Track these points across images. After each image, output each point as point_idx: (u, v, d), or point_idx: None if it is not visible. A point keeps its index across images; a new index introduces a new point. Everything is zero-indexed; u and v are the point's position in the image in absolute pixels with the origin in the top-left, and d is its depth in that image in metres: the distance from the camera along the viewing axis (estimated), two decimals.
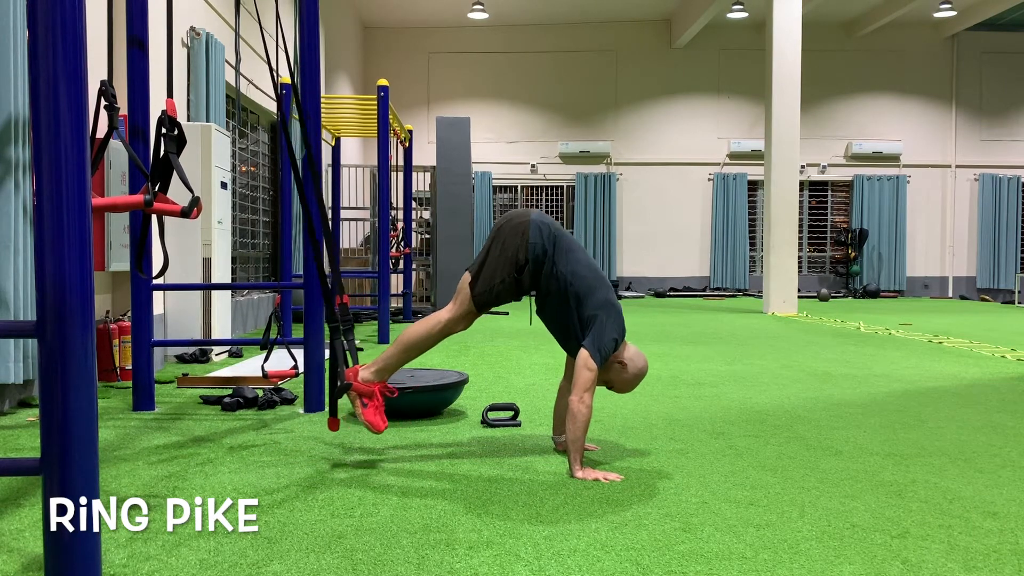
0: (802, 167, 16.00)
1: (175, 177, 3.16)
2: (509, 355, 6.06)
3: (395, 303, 12.56)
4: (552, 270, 2.84)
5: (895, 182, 16.03)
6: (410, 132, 9.60)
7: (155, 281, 4.24)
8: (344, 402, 4.10)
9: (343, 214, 12.00)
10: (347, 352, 2.92)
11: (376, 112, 7.35)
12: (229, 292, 6.21)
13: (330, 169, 10.06)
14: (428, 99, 15.74)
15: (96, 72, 4.76)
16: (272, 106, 8.89)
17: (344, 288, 3.10)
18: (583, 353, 2.78)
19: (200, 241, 5.59)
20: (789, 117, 10.60)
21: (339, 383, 2.88)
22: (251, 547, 2.05)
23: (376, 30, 15.72)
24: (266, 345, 4.06)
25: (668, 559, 1.99)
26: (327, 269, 3.10)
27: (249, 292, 7.99)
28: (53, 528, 1.58)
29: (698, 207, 16.03)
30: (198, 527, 2.20)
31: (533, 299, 3.09)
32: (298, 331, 7.88)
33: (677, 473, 2.78)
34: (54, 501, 1.58)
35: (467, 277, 2.91)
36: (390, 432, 3.41)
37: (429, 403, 3.70)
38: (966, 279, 16.36)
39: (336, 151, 9.84)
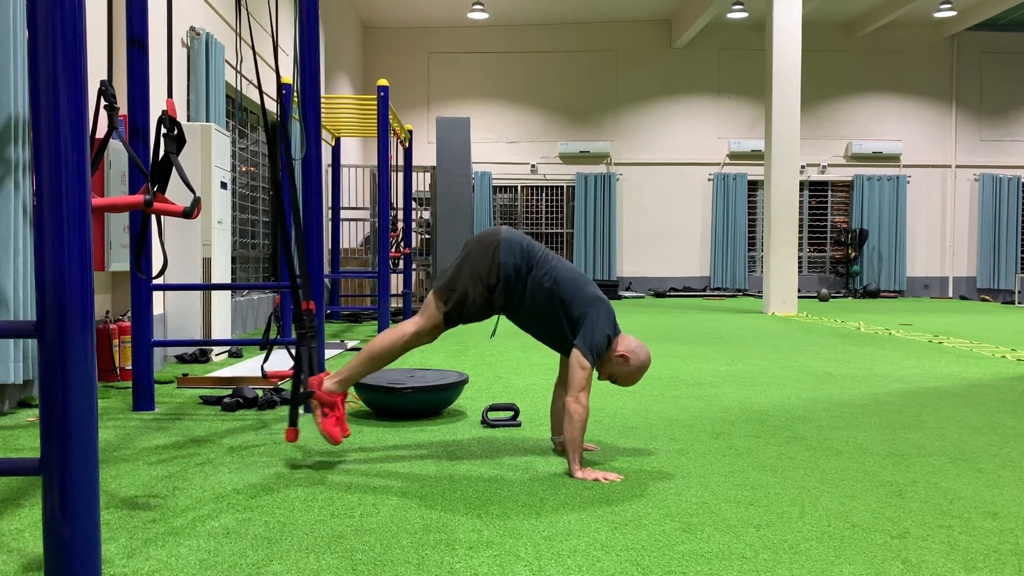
0: (802, 167, 16.01)
1: (173, 177, 3.16)
2: (509, 355, 6.06)
3: (395, 303, 12.58)
4: (534, 283, 2.82)
5: (895, 182, 16.03)
6: (410, 132, 9.60)
7: (155, 281, 4.24)
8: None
9: (343, 214, 12.01)
10: (311, 360, 2.91)
11: (376, 112, 7.35)
12: (229, 292, 6.22)
13: (330, 169, 10.06)
14: (428, 99, 15.74)
15: (96, 72, 4.77)
16: (272, 106, 8.89)
17: (311, 294, 3.11)
18: (575, 353, 2.78)
19: (200, 241, 5.60)
20: (789, 117, 10.61)
21: (301, 390, 2.87)
22: (251, 547, 2.05)
23: (376, 30, 15.72)
24: (266, 345, 4.06)
25: (668, 559, 1.99)
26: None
27: (249, 292, 7.99)
28: (53, 528, 1.58)
29: (698, 207, 16.03)
30: (198, 527, 2.20)
31: (499, 317, 3.10)
32: None
33: (677, 473, 2.78)
34: (54, 501, 1.58)
35: (433, 295, 2.88)
36: (390, 432, 3.41)
37: (429, 403, 3.70)
38: (966, 279, 16.36)
39: (336, 151, 9.84)
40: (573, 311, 2.82)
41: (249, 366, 5.10)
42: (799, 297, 15.07)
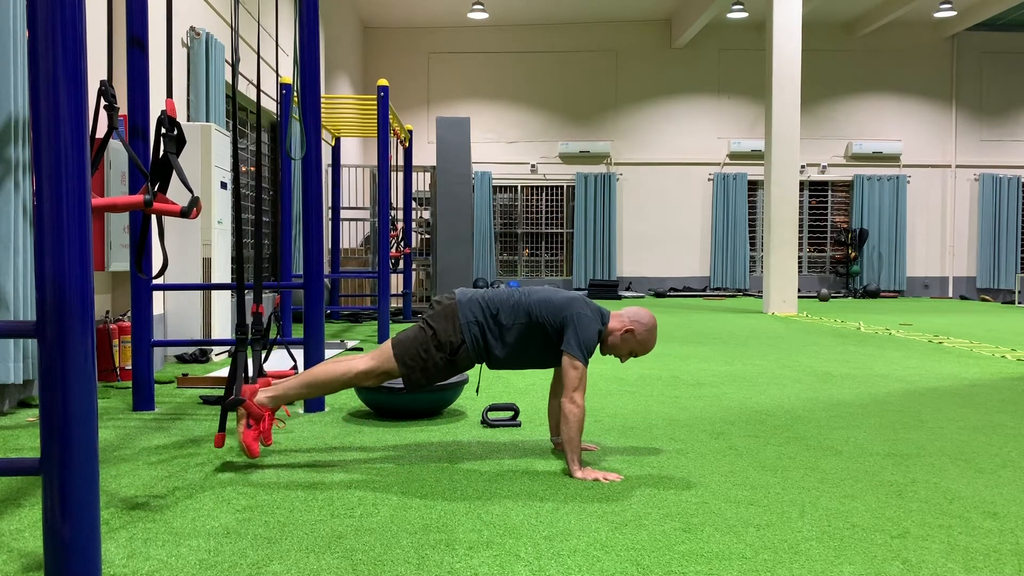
0: (802, 167, 16.00)
1: (174, 177, 3.16)
2: None
3: (395, 303, 12.58)
4: (507, 324, 2.83)
5: (895, 182, 16.03)
6: (410, 132, 9.60)
7: (155, 281, 4.24)
8: (339, 407, 4.10)
9: (343, 214, 12.01)
10: (252, 367, 2.88)
11: (376, 112, 7.35)
12: (229, 292, 6.22)
13: (330, 169, 10.07)
14: (428, 99, 15.74)
15: (96, 72, 4.77)
16: (272, 106, 8.89)
17: (260, 298, 3.09)
18: (566, 356, 2.80)
19: (200, 241, 5.60)
20: (789, 117, 10.60)
21: (232, 396, 2.84)
22: (251, 547, 2.05)
23: (376, 30, 15.72)
24: (266, 345, 4.06)
25: (668, 559, 1.99)
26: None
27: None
28: (53, 528, 1.58)
29: (698, 207, 16.03)
30: (198, 527, 2.20)
31: (481, 370, 3.14)
32: (298, 331, 7.90)
33: (677, 473, 2.78)
34: (54, 501, 1.58)
35: (389, 344, 2.86)
36: (390, 432, 3.41)
37: (429, 403, 3.70)
38: (966, 279, 16.36)
39: (336, 151, 9.84)
40: (555, 322, 2.83)
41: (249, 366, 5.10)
42: (799, 297, 15.07)
